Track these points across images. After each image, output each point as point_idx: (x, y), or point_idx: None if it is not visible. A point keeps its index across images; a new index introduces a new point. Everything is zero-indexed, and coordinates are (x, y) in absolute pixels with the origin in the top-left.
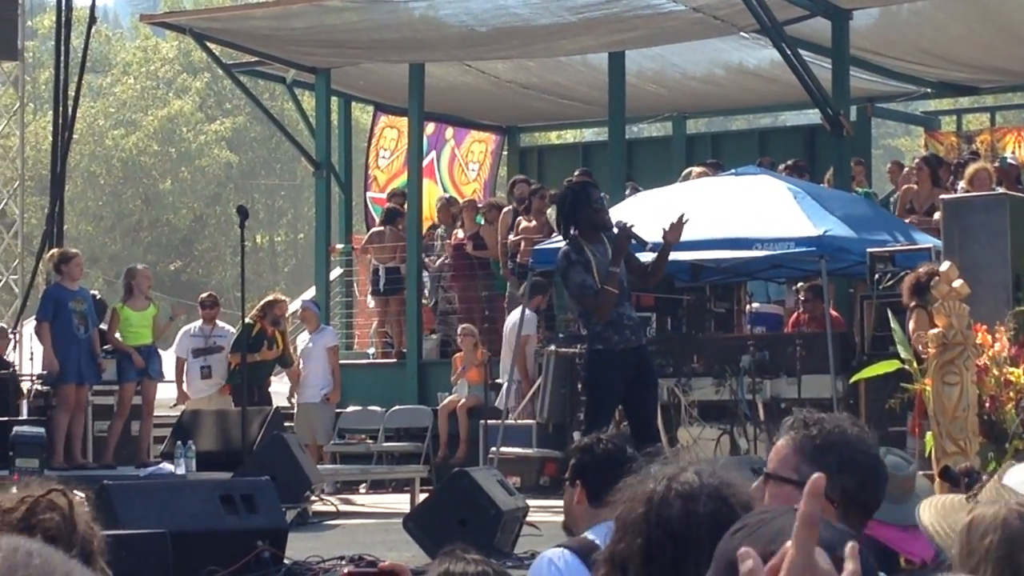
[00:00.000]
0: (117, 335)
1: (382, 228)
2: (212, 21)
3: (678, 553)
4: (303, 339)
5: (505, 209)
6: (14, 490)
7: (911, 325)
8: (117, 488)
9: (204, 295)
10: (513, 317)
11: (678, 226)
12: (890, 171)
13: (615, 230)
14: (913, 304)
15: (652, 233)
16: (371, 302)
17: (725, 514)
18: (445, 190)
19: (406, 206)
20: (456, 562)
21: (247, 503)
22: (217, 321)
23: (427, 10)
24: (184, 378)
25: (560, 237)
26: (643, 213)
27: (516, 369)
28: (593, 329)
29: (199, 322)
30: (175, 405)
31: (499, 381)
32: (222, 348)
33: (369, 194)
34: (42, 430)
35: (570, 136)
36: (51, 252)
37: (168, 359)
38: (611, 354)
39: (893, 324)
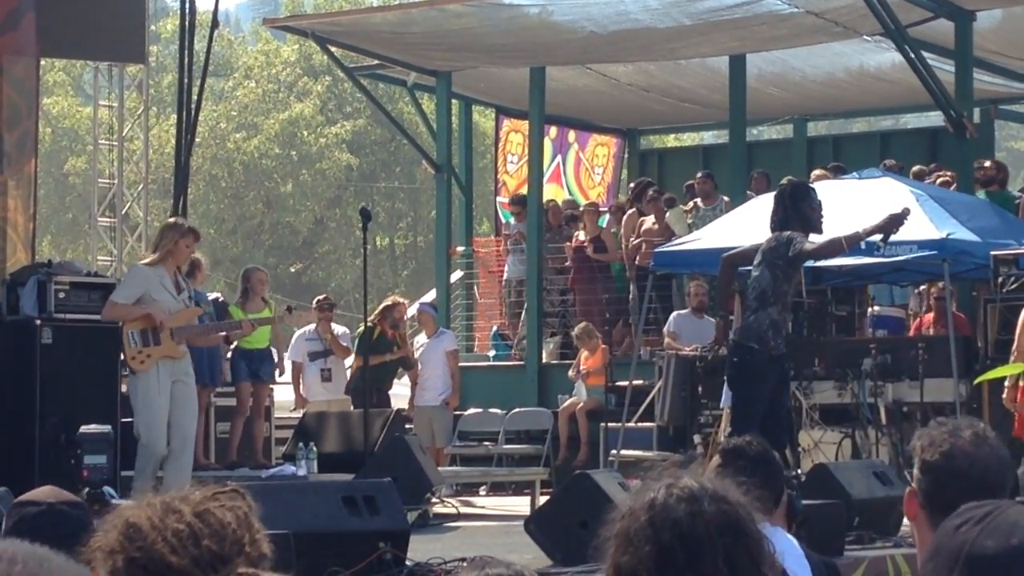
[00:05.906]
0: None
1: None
2: (334, 25)
3: (690, 555)
4: (419, 341)
5: (628, 212)
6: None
7: None
8: None
9: (321, 297)
10: None
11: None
12: None
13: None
14: None
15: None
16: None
17: (730, 513)
18: (571, 195)
19: (527, 209)
20: (495, 566)
21: (369, 504)
22: (332, 324)
23: (546, 15)
24: (302, 382)
25: (679, 239)
26: (765, 217)
27: None
28: (758, 322)
29: (313, 324)
30: (294, 409)
31: (619, 384)
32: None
33: (499, 199)
34: (108, 427)
35: (688, 139)
36: None
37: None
38: (766, 358)
39: None
